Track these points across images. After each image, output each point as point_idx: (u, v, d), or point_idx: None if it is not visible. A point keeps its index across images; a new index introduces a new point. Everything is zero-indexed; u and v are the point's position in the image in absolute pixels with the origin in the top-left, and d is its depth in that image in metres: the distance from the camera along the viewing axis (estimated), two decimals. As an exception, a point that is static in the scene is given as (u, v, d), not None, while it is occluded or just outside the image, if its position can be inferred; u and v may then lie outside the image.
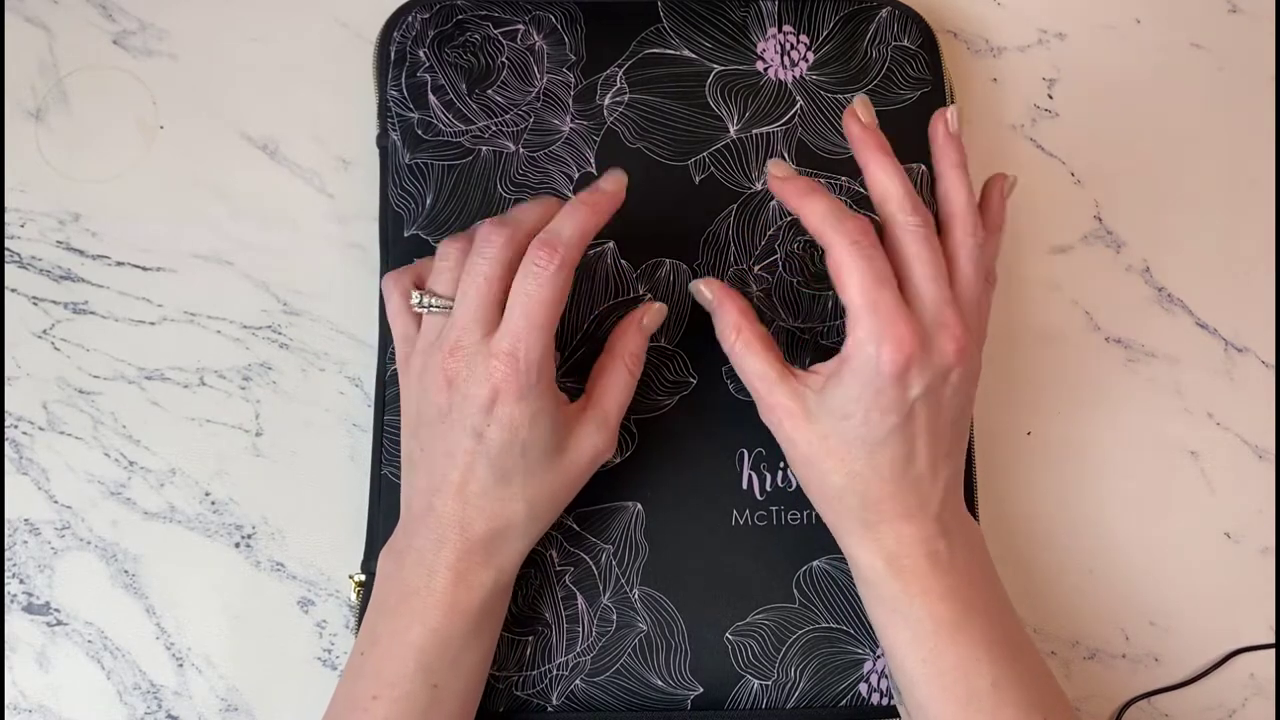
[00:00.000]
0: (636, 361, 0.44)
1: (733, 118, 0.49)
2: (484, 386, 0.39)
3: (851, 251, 0.38)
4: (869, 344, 0.38)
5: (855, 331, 0.38)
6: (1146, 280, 0.53)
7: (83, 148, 0.52)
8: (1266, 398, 0.53)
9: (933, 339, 0.39)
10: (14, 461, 0.50)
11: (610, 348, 0.44)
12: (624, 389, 0.43)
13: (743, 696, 0.46)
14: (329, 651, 0.49)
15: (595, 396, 0.43)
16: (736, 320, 0.42)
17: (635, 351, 0.44)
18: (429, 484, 0.41)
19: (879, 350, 0.38)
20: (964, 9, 0.55)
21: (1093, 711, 0.50)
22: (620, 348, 0.43)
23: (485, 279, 0.39)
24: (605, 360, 0.44)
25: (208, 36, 0.53)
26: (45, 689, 0.48)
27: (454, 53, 0.50)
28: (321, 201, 0.52)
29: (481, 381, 0.39)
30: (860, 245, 0.38)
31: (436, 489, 0.41)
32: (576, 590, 0.46)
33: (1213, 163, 0.54)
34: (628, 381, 0.43)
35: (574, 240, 0.39)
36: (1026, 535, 0.51)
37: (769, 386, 0.41)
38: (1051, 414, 0.52)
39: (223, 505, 0.50)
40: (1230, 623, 0.51)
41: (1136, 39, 0.55)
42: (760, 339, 0.42)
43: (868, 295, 0.38)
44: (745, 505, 0.47)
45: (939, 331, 0.39)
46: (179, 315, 0.51)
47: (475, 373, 0.39)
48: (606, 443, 0.43)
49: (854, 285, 0.38)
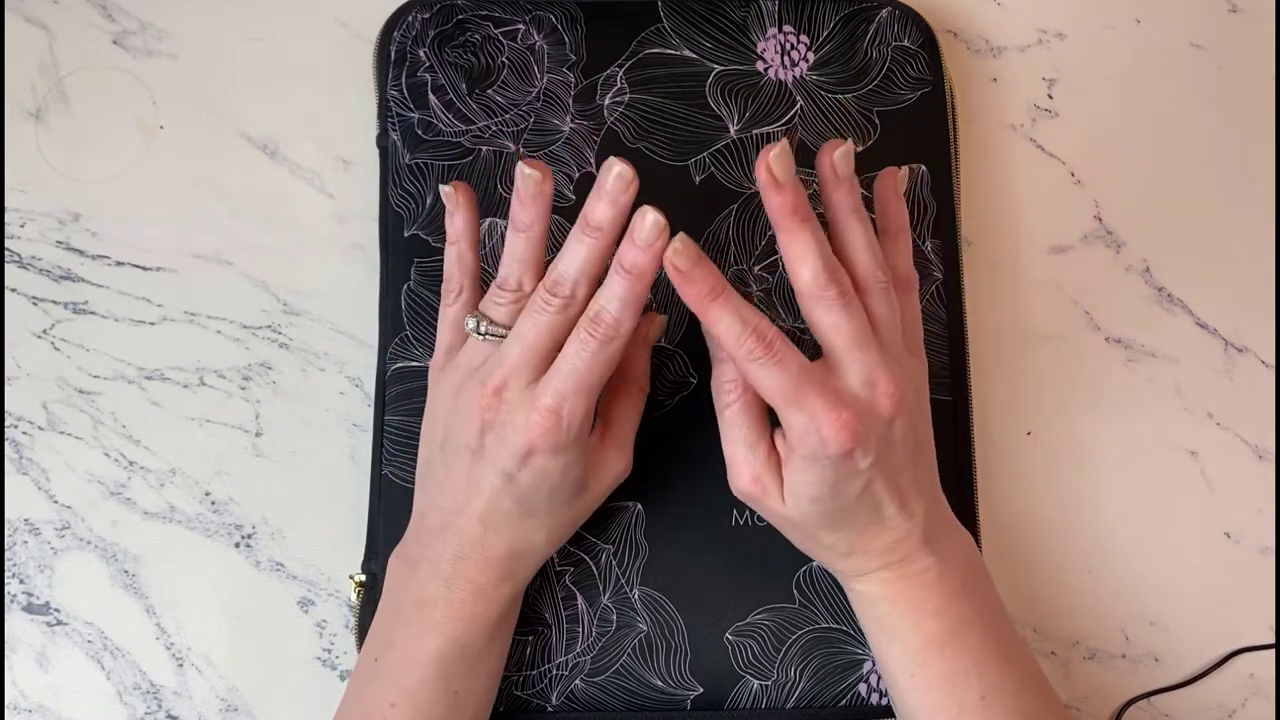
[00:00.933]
0: (645, 379, 0.44)
1: (733, 118, 0.49)
2: (522, 436, 0.38)
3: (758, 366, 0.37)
4: (811, 435, 0.37)
5: (793, 426, 0.38)
6: (1146, 280, 0.53)
7: (83, 148, 0.52)
8: (1266, 398, 0.53)
9: (868, 403, 0.38)
10: (14, 461, 0.50)
11: (620, 370, 0.43)
12: (637, 409, 0.43)
13: (742, 696, 0.46)
14: (329, 651, 0.49)
15: (612, 423, 0.42)
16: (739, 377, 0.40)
17: (644, 369, 0.44)
18: (451, 503, 0.41)
19: (822, 440, 0.37)
20: (964, 9, 0.55)
21: (1093, 711, 0.50)
22: (628, 367, 0.43)
23: (548, 330, 0.38)
24: (616, 384, 0.43)
25: (208, 36, 0.53)
26: (45, 689, 0.48)
27: (454, 53, 0.50)
28: (321, 201, 0.52)
29: (520, 430, 0.38)
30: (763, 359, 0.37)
31: (459, 510, 0.40)
32: (576, 590, 0.46)
33: (1213, 163, 0.54)
34: (639, 401, 0.43)
35: (625, 315, 0.37)
36: (1026, 535, 0.51)
37: (752, 459, 0.40)
38: (1051, 414, 0.52)
39: (223, 505, 0.50)
40: (1230, 623, 0.51)
41: (1136, 39, 0.55)
42: (758, 407, 0.41)
43: (789, 398, 0.37)
44: (745, 505, 0.46)
45: (871, 393, 0.38)
46: (179, 315, 0.51)
47: (515, 420, 0.38)
48: (625, 465, 0.43)
49: (775, 394, 0.37)
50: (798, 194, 0.37)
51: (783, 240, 0.38)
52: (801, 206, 0.37)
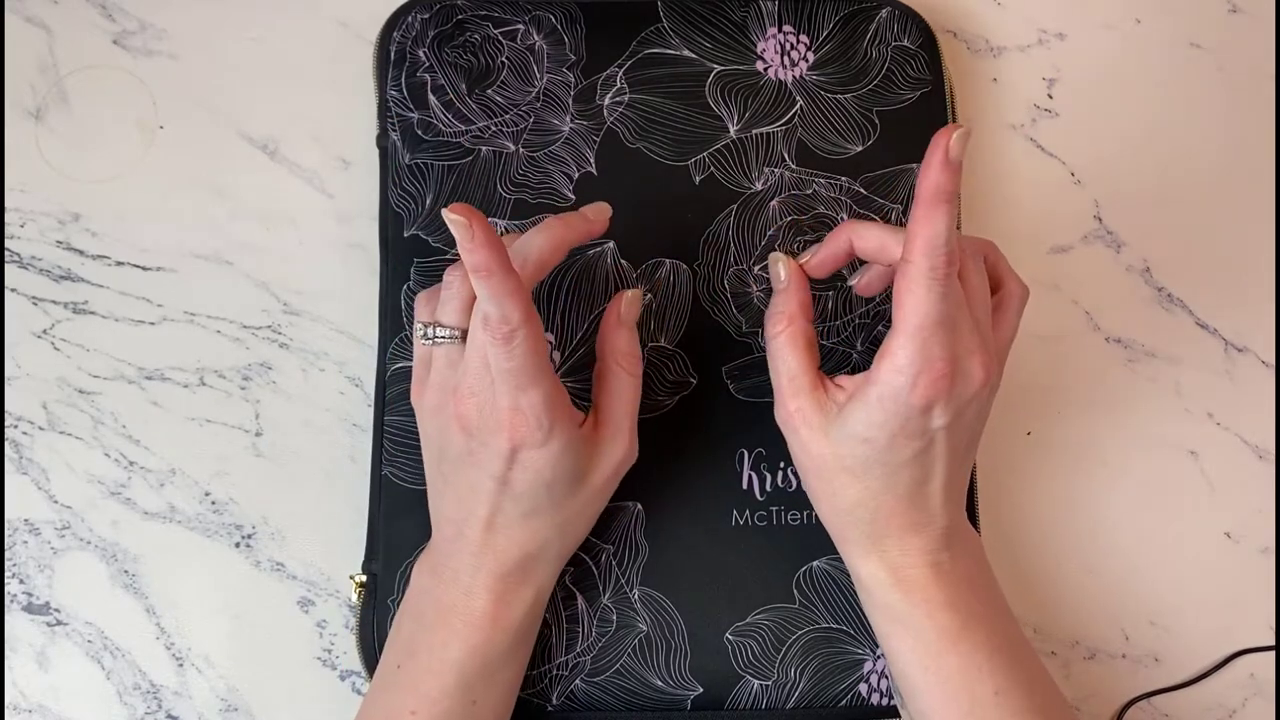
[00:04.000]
0: (630, 360, 0.43)
1: (733, 118, 0.49)
2: (501, 437, 0.38)
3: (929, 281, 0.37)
4: (903, 375, 0.37)
5: (894, 357, 0.38)
6: (1146, 280, 0.53)
7: (83, 148, 0.52)
8: (1266, 398, 0.53)
9: (963, 366, 0.38)
10: (14, 461, 0.50)
11: (599, 353, 0.43)
12: (628, 390, 0.43)
13: (743, 697, 0.46)
14: (329, 651, 0.49)
15: (601, 409, 0.42)
16: (793, 311, 0.42)
17: (625, 350, 0.43)
18: (458, 514, 0.41)
19: (913, 383, 0.37)
20: (964, 9, 0.55)
21: (1093, 711, 0.50)
22: (607, 350, 0.43)
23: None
24: (599, 368, 0.43)
25: (208, 36, 0.53)
26: (45, 689, 0.48)
27: (454, 53, 0.50)
28: (321, 201, 0.52)
29: (497, 432, 0.38)
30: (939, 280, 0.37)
31: (465, 519, 0.41)
32: (576, 590, 0.46)
33: (1213, 163, 0.54)
34: (629, 382, 0.43)
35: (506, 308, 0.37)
36: (1026, 535, 0.51)
37: (795, 390, 0.41)
38: (1051, 414, 0.52)
39: (223, 505, 0.50)
40: (1230, 623, 0.51)
41: (1136, 39, 0.55)
42: (806, 338, 0.42)
43: (920, 328, 0.37)
44: (745, 505, 0.47)
45: (968, 358, 0.38)
46: (179, 315, 0.51)
47: (489, 422, 0.39)
48: (626, 451, 0.42)
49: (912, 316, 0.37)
50: (957, 181, 0.37)
51: (921, 212, 0.37)
52: (956, 195, 0.37)
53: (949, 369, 0.37)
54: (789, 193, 0.49)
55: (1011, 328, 0.42)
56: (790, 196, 0.49)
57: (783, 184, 0.49)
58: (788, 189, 0.49)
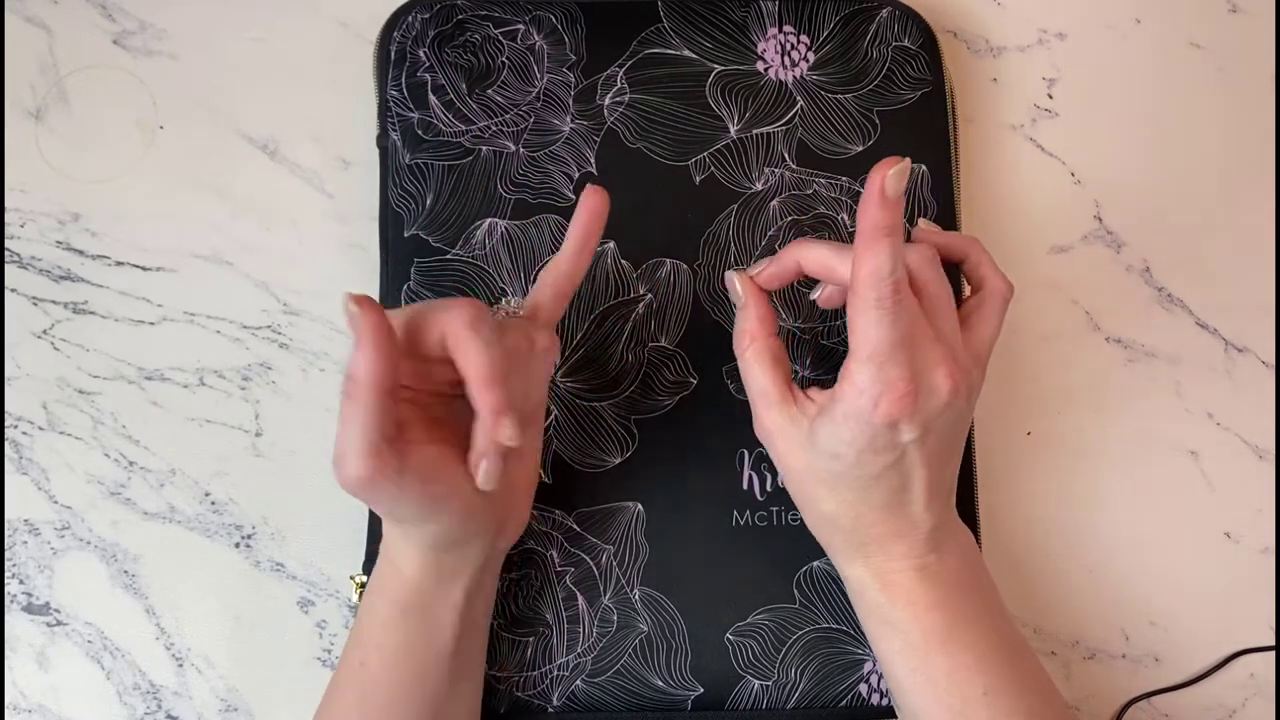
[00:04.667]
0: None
1: (733, 118, 0.49)
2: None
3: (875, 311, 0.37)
4: (864, 396, 0.37)
5: (853, 380, 0.38)
6: (1146, 280, 0.53)
7: (83, 148, 0.52)
8: (1266, 398, 0.53)
9: (926, 381, 0.38)
10: (14, 461, 0.50)
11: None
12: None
13: (743, 697, 0.46)
14: (329, 651, 0.49)
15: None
16: (754, 329, 0.42)
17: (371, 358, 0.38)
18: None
19: (875, 404, 0.37)
20: (964, 9, 0.55)
21: (1093, 711, 0.50)
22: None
23: None
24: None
25: (208, 36, 0.53)
26: (45, 689, 0.48)
27: (454, 53, 0.50)
28: (321, 201, 0.52)
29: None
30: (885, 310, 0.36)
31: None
32: (577, 591, 0.46)
33: (1213, 163, 0.54)
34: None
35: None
36: (1026, 535, 0.51)
37: (767, 405, 0.41)
38: (1051, 414, 0.52)
39: (223, 505, 0.50)
40: (1230, 623, 0.51)
41: (1136, 39, 0.55)
42: (771, 353, 0.41)
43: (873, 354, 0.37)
44: (746, 506, 0.47)
45: (931, 372, 0.38)
46: (179, 315, 0.51)
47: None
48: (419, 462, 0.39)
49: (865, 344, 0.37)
50: (897, 214, 0.36)
51: (862, 245, 0.37)
52: (897, 227, 0.37)
53: (910, 387, 0.37)
54: (789, 193, 0.49)
55: (993, 326, 0.42)
56: (790, 196, 0.49)
57: (783, 184, 0.49)
58: (788, 189, 0.49)
